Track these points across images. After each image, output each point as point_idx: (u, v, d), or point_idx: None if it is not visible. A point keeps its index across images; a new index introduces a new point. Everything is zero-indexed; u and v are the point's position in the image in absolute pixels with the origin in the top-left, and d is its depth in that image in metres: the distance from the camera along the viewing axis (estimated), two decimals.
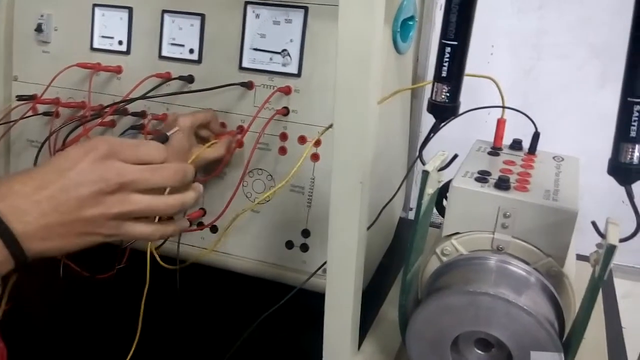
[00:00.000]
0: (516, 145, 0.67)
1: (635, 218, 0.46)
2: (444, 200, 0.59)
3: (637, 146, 0.42)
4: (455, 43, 0.45)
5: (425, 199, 0.51)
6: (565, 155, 0.66)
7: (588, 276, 0.48)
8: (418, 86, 0.93)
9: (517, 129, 0.67)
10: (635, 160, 0.42)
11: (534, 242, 0.54)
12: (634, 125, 0.41)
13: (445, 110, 0.48)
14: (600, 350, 0.68)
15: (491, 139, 0.68)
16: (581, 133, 0.95)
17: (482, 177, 0.58)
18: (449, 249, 0.57)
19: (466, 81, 0.48)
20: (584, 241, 0.81)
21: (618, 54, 0.42)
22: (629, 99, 0.41)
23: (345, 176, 0.50)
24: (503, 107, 0.64)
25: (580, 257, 0.62)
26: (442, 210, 0.60)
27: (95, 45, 0.87)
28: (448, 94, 0.47)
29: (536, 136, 0.66)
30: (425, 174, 0.48)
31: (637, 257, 0.99)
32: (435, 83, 0.47)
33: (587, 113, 0.96)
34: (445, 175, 0.56)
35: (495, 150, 0.66)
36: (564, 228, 0.53)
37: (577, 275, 0.57)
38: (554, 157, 0.66)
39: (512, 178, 0.58)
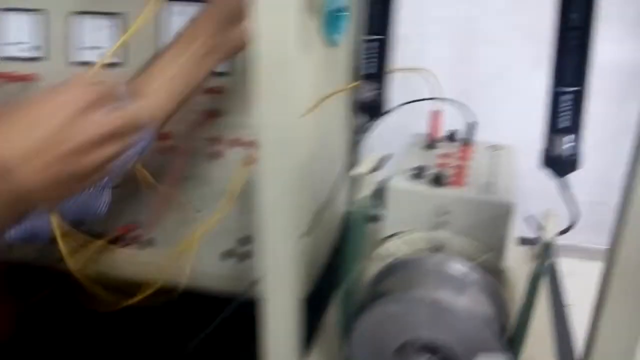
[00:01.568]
0: (452, 136, 0.66)
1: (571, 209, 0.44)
2: None
3: (567, 137, 0.40)
4: (382, 37, 0.42)
5: (358, 204, 0.48)
6: (501, 144, 0.65)
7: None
8: (348, 88, 0.89)
9: (459, 119, 0.65)
10: (566, 152, 0.41)
11: (472, 237, 0.53)
12: (562, 116, 0.40)
13: (375, 109, 0.45)
14: (546, 330, 0.67)
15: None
16: (519, 118, 0.95)
17: (418, 174, 0.56)
18: (390, 250, 0.55)
19: (402, 75, 0.46)
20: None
21: (550, 37, 0.40)
22: (556, 88, 0.39)
23: (272, 185, 0.47)
24: (435, 98, 0.62)
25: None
26: None
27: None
28: (377, 92, 0.44)
29: (472, 126, 0.64)
30: (355, 179, 0.46)
31: (582, 236, 1.00)
32: (363, 81, 0.44)
33: (524, 98, 0.96)
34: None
35: (431, 144, 0.64)
36: (502, 222, 0.52)
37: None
38: (490, 147, 0.65)
39: (448, 172, 0.56)
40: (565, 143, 0.40)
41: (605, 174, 0.93)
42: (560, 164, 0.41)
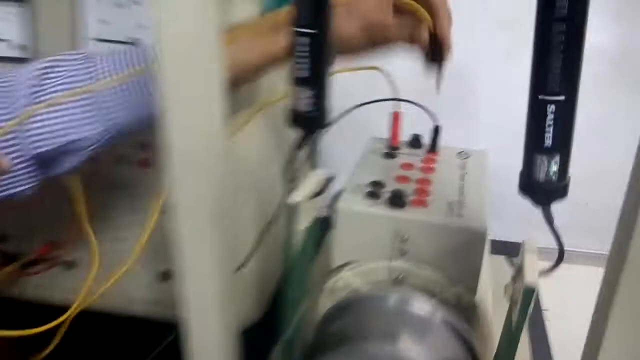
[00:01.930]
0: (415, 142, 0.57)
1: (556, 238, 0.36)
2: None
3: (554, 158, 0.32)
4: (314, 31, 0.33)
5: (299, 235, 0.39)
6: (470, 150, 0.57)
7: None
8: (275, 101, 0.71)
9: (424, 121, 0.56)
10: (553, 176, 0.32)
11: (438, 268, 0.44)
12: (548, 131, 0.31)
13: (311, 121, 0.36)
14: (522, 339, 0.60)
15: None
16: (492, 109, 0.86)
17: (374, 191, 0.47)
18: (341, 283, 0.46)
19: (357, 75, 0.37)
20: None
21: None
22: (540, 96, 0.31)
23: (191, 215, 0.38)
24: (391, 99, 0.53)
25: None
26: None
27: None
28: (313, 100, 0.35)
29: (436, 130, 0.55)
30: (292, 208, 0.36)
31: (549, 239, 0.93)
32: (295, 87, 0.35)
33: (496, 89, 0.87)
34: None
35: (391, 151, 0.56)
36: (473, 250, 0.43)
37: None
38: (458, 154, 0.56)
39: (409, 188, 0.48)
40: (549, 165, 0.32)
41: (586, 172, 0.86)
42: (542, 190, 0.33)
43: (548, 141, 0.31)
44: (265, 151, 0.64)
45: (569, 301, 0.96)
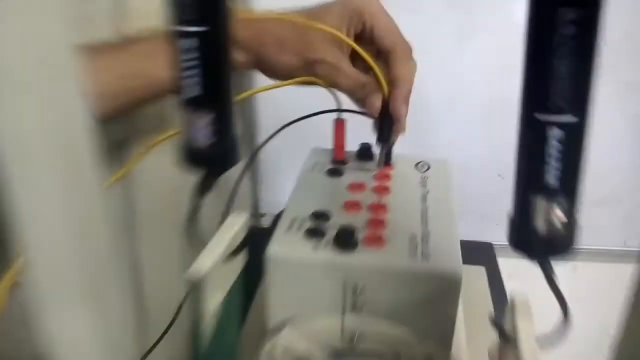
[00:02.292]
0: (365, 153, 0.47)
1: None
2: None
3: (559, 200, 0.22)
4: (204, 29, 0.22)
5: (211, 314, 0.29)
6: (430, 159, 0.47)
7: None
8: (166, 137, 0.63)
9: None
10: (557, 225, 0.23)
11: (403, 323, 0.35)
12: (551, 164, 0.22)
13: (213, 158, 0.25)
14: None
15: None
16: (447, 92, 0.77)
17: (316, 227, 0.37)
18: (281, 348, 0.36)
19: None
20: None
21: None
22: (538, 116, 0.21)
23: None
24: (333, 110, 0.43)
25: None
26: None
27: None
28: (213, 128, 0.24)
29: (390, 145, 0.45)
30: (195, 284, 0.26)
31: None
32: (185, 112, 0.24)
33: (450, 72, 0.79)
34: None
35: (336, 166, 0.45)
36: (444, 299, 0.34)
37: None
38: (416, 166, 0.46)
39: (361, 220, 0.38)
40: (552, 210, 0.22)
41: None
42: (542, 243, 0.23)
43: (551, 178, 0.22)
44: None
45: (534, 294, 0.92)
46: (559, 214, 0.23)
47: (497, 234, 0.84)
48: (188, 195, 0.26)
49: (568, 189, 0.22)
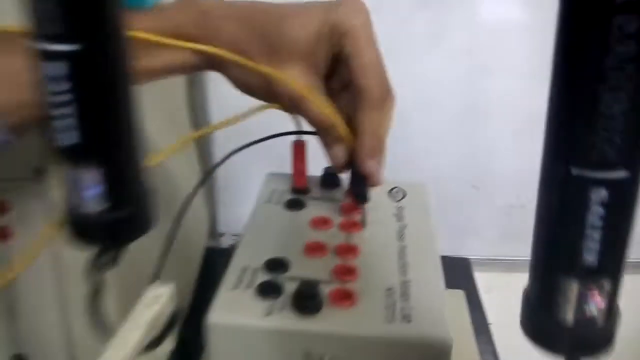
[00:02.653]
0: (330, 179, 0.40)
1: None
2: None
3: (600, 284, 0.16)
4: (76, 48, 0.14)
5: None
6: (405, 183, 0.41)
7: None
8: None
9: None
10: (594, 314, 0.16)
11: None
12: (592, 238, 0.15)
13: (109, 229, 0.17)
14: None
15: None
16: (417, 96, 0.71)
17: (271, 281, 0.30)
18: None
19: None
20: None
21: None
22: (574, 170, 0.14)
23: None
24: (293, 132, 0.36)
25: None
26: None
27: None
28: (106, 188, 0.17)
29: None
30: None
31: (496, 249, 0.82)
32: (63, 166, 0.16)
33: (420, 75, 0.73)
34: None
35: (297, 197, 0.38)
36: None
37: None
38: (390, 193, 0.40)
39: (326, 269, 0.31)
40: (588, 297, 0.16)
41: (524, 169, 0.75)
42: (571, 338, 0.17)
43: (590, 254, 0.15)
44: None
45: (513, 310, 0.87)
46: (597, 301, 0.16)
47: (473, 247, 0.78)
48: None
49: (611, 267, 0.16)
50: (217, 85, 0.66)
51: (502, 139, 0.72)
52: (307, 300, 0.28)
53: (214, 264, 0.76)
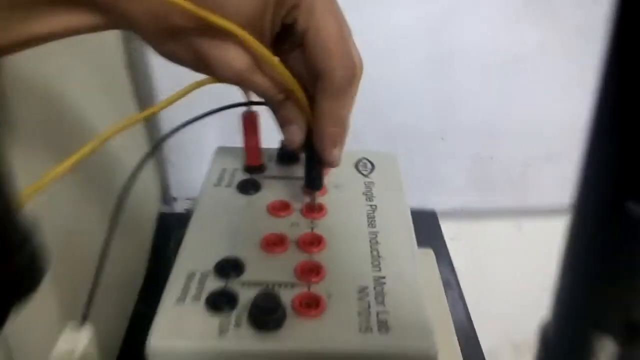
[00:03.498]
0: (288, 152, 0.35)
1: None
2: None
3: None
4: None
5: None
6: (374, 154, 0.36)
7: None
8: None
9: None
10: None
11: None
12: None
13: None
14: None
15: None
16: (383, 44, 0.65)
17: (223, 292, 0.25)
18: None
19: None
20: None
21: None
22: (633, 206, 0.10)
23: None
24: (243, 104, 0.31)
25: None
26: None
27: None
28: None
29: None
30: None
31: (463, 199, 0.80)
32: None
33: (385, 21, 0.66)
34: None
35: (250, 177, 0.33)
36: None
37: None
38: (357, 165, 0.35)
39: (288, 267, 0.27)
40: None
41: (491, 119, 0.72)
42: None
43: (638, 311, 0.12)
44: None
45: (479, 257, 0.87)
46: None
47: (440, 198, 0.75)
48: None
49: None
50: None
51: (469, 88, 0.68)
52: (267, 315, 0.23)
53: (168, 230, 0.72)
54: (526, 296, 0.94)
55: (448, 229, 0.78)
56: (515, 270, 0.90)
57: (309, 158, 0.30)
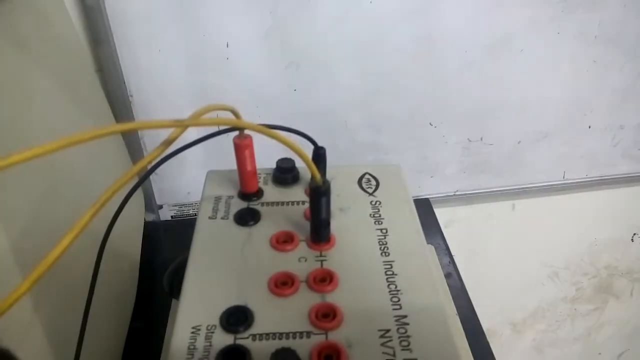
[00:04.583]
0: (286, 175, 0.32)
1: None
2: None
3: None
4: None
5: None
6: (377, 168, 0.34)
7: None
8: None
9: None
10: None
11: None
12: None
13: None
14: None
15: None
16: (369, 31, 0.62)
17: (232, 349, 0.23)
18: None
19: None
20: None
21: None
22: None
23: None
24: (235, 129, 0.28)
25: None
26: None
27: None
28: None
29: (319, 155, 0.31)
30: None
31: (450, 186, 0.79)
32: None
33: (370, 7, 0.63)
34: None
35: (248, 206, 0.31)
36: None
37: None
38: (360, 182, 0.33)
39: (300, 312, 0.24)
40: None
41: (480, 102, 0.69)
42: None
43: None
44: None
45: (476, 240, 0.87)
46: None
47: (433, 185, 0.74)
48: None
49: None
50: (128, 44, 0.55)
51: (457, 72, 0.66)
52: None
53: (155, 239, 0.69)
54: (522, 276, 0.94)
55: (442, 215, 0.76)
56: (510, 251, 0.90)
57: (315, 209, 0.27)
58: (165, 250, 0.70)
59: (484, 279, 0.86)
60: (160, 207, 0.73)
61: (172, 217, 0.74)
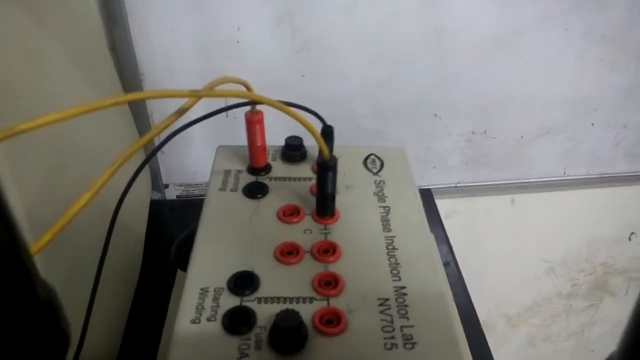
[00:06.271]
0: (294, 152, 0.33)
1: None
2: None
3: None
4: None
5: None
6: (382, 150, 0.35)
7: None
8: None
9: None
10: None
11: None
12: None
13: None
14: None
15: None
16: (375, 23, 0.63)
17: (238, 310, 0.24)
18: None
19: None
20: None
21: None
22: None
23: None
24: (248, 103, 0.29)
25: None
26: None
27: None
28: None
29: (327, 134, 0.32)
30: None
31: (451, 177, 0.79)
32: None
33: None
34: None
35: (256, 180, 0.32)
36: None
37: None
38: (365, 162, 0.34)
39: (304, 279, 0.25)
40: None
41: (486, 95, 0.70)
42: None
43: None
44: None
45: (476, 233, 0.88)
46: None
47: (435, 176, 0.75)
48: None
49: None
50: (141, 24, 0.56)
51: (463, 65, 0.67)
52: (289, 338, 0.22)
53: (160, 217, 0.71)
54: (519, 270, 0.95)
55: (443, 206, 0.77)
56: (508, 245, 0.91)
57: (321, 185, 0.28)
58: (170, 227, 0.71)
59: (481, 272, 0.88)
60: (167, 186, 0.74)
61: (177, 196, 0.75)
